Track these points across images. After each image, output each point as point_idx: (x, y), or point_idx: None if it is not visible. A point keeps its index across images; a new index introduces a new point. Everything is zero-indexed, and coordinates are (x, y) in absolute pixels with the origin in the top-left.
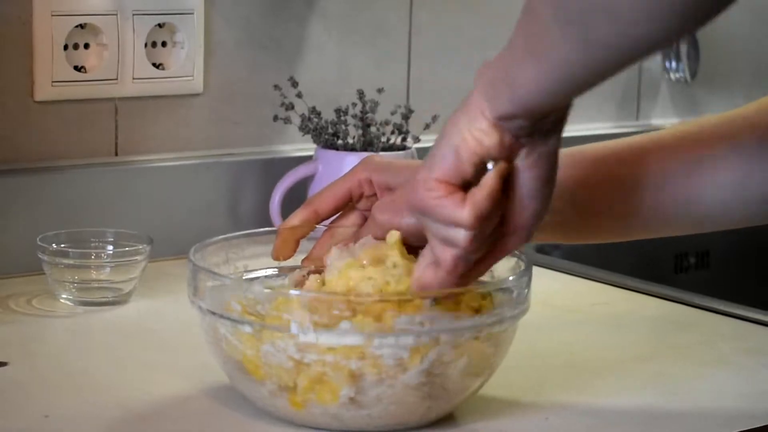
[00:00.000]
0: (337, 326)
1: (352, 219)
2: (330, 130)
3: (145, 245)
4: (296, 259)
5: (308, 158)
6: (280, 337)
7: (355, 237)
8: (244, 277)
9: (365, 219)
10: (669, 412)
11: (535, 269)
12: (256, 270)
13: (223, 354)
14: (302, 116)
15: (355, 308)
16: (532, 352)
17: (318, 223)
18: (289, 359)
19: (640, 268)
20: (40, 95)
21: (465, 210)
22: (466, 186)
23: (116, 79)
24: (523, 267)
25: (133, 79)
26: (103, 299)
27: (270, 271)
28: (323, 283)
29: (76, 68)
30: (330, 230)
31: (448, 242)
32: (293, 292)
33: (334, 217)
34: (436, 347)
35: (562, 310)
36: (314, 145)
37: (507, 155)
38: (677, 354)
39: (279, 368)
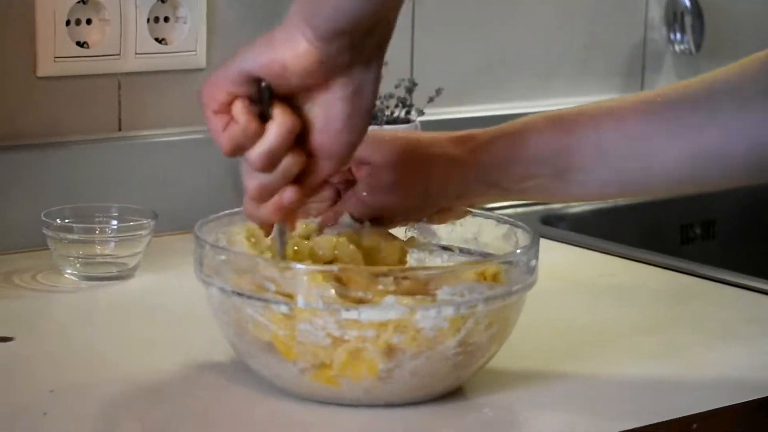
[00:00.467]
0: (381, 301)
1: (326, 193)
2: None
3: (149, 220)
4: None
5: None
6: (319, 314)
7: (331, 211)
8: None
9: (338, 193)
10: (675, 383)
11: (540, 241)
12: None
13: (246, 334)
14: None
15: (400, 281)
16: (537, 324)
17: None
18: (327, 336)
19: (645, 240)
20: (42, 71)
21: (223, 139)
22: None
23: (119, 54)
24: (528, 236)
25: (136, 54)
26: (108, 274)
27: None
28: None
29: (79, 44)
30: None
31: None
32: (332, 267)
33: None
34: (473, 317)
35: (567, 281)
36: None
37: (316, 82)
38: (683, 325)
39: (315, 346)
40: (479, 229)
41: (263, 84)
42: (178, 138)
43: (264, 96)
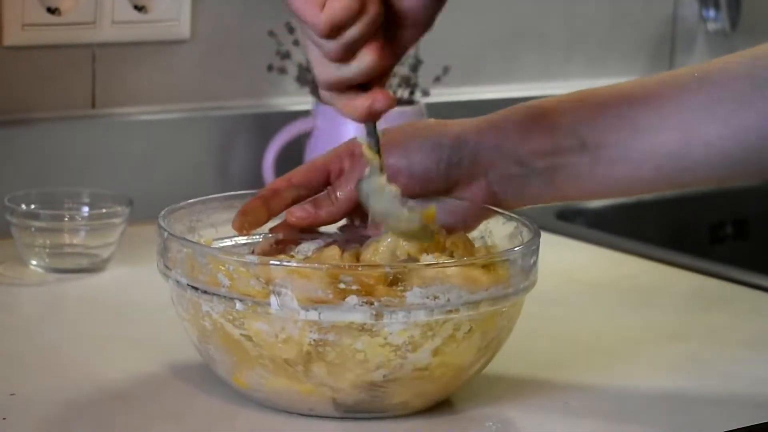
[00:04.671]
0: (343, 301)
1: None
2: None
3: (123, 207)
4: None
5: (305, 113)
6: (274, 313)
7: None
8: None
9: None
10: (701, 397)
11: (556, 238)
12: (223, 239)
13: (204, 334)
14: (299, 66)
15: (363, 280)
16: (549, 329)
17: None
18: (287, 339)
19: (671, 239)
20: (9, 40)
21: (321, 16)
22: None
23: (94, 22)
24: (531, 234)
25: (113, 22)
26: (78, 266)
27: (227, 242)
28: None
29: (50, 10)
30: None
31: (315, 43)
32: (290, 263)
33: None
34: (450, 323)
35: (584, 283)
36: (312, 99)
37: None
38: (711, 334)
39: (273, 349)
40: (486, 227)
41: None
42: (158, 117)
43: None
